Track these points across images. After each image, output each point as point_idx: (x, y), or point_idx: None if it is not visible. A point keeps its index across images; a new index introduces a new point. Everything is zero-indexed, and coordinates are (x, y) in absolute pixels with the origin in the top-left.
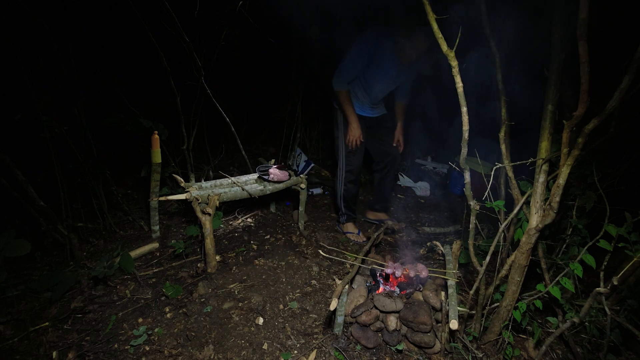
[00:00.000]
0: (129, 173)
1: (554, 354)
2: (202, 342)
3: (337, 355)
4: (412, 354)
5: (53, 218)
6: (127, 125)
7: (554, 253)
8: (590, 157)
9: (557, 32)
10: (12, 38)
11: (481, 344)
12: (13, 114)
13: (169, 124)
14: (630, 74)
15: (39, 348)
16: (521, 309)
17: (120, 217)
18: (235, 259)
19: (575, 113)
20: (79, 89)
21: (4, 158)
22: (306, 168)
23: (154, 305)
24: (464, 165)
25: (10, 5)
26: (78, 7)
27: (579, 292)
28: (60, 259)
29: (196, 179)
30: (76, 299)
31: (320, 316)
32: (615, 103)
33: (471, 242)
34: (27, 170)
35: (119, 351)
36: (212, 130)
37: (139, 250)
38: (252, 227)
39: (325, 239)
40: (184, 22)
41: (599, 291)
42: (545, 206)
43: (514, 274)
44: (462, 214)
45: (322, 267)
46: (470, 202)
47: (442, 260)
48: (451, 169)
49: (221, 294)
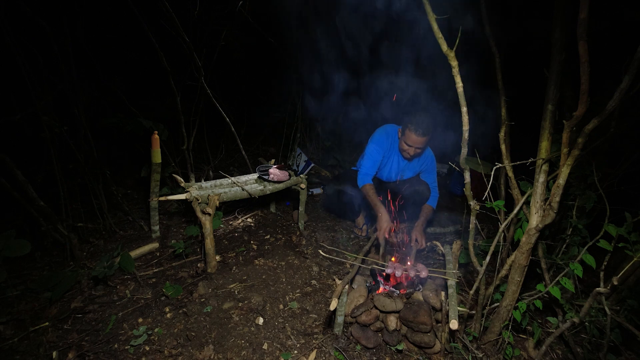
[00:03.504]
0: (129, 173)
1: (554, 354)
2: (202, 342)
3: (337, 355)
4: (412, 354)
5: (53, 218)
6: (127, 125)
7: (554, 253)
8: (590, 157)
9: (557, 32)
10: (12, 38)
11: (481, 344)
12: (13, 114)
13: (169, 124)
14: (630, 74)
15: (39, 348)
16: (521, 309)
17: (120, 217)
18: (235, 259)
19: (575, 113)
20: (79, 89)
21: (4, 158)
22: (306, 168)
23: (154, 305)
24: (464, 165)
25: (10, 5)
26: (78, 7)
27: (579, 292)
28: (60, 259)
29: (196, 179)
30: (76, 299)
31: (320, 316)
32: (615, 103)
33: (471, 242)
34: (27, 170)
35: (119, 351)
36: (212, 130)
37: (139, 250)
38: (252, 227)
39: (325, 239)
40: (184, 22)
41: (599, 291)
42: (545, 206)
43: (514, 274)
44: (462, 214)
45: (322, 267)
46: (470, 202)
47: (442, 260)
48: (451, 169)
49: (221, 294)
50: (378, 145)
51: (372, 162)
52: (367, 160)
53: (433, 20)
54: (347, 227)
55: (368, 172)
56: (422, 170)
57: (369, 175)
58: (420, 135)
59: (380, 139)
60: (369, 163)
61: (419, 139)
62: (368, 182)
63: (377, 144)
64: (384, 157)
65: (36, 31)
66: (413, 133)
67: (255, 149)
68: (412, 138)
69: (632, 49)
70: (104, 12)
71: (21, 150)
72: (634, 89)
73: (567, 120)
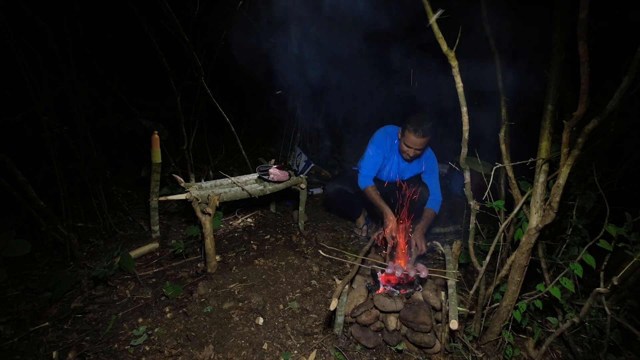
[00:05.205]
0: (129, 173)
1: (554, 354)
2: (202, 342)
3: (337, 355)
4: (412, 354)
5: (53, 218)
6: (127, 125)
7: (554, 253)
8: (590, 157)
9: (557, 32)
10: (12, 38)
11: (481, 344)
12: (13, 114)
13: (169, 124)
14: (630, 74)
15: (39, 348)
16: (521, 309)
17: (120, 217)
18: (235, 259)
19: (575, 113)
20: (79, 89)
21: (4, 158)
22: (306, 168)
23: (154, 305)
24: (464, 165)
25: (10, 5)
26: (78, 7)
27: (579, 292)
28: (60, 259)
29: (196, 179)
30: (76, 299)
31: (320, 316)
32: (615, 103)
33: (471, 242)
34: (27, 170)
35: (119, 351)
36: (212, 130)
37: (139, 250)
38: (252, 227)
39: (325, 239)
40: (184, 22)
41: (599, 291)
42: (545, 206)
43: (514, 274)
44: (462, 214)
45: (322, 267)
46: (470, 202)
47: (442, 260)
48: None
49: (221, 294)
50: (378, 147)
51: (373, 163)
52: (367, 161)
53: (433, 20)
54: (347, 227)
55: (369, 173)
56: (422, 171)
57: (370, 177)
58: (420, 136)
59: (380, 140)
60: (369, 165)
61: (419, 140)
62: (370, 184)
63: (377, 146)
64: (384, 158)
65: (36, 31)
66: (413, 134)
67: (255, 149)
68: (411, 139)
69: (632, 49)
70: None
71: (21, 150)
72: (634, 89)
73: (567, 120)
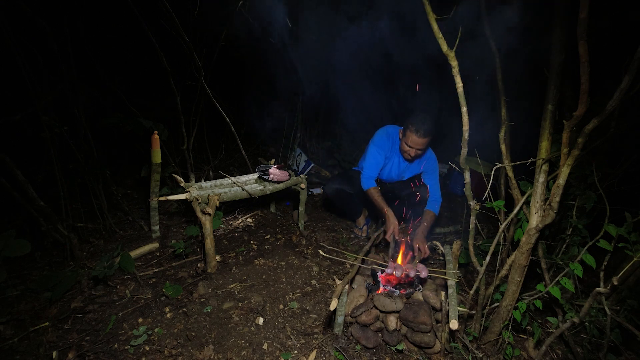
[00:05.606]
0: (129, 173)
1: (554, 354)
2: (202, 342)
3: (337, 355)
4: (412, 354)
5: (53, 218)
6: (127, 125)
7: (554, 253)
8: (590, 157)
9: (557, 32)
10: (12, 38)
11: (481, 344)
12: (13, 114)
13: (169, 124)
14: (630, 74)
15: (39, 348)
16: (521, 309)
17: (120, 217)
18: (235, 259)
19: (575, 113)
20: (79, 89)
21: (4, 158)
22: (306, 168)
23: (154, 305)
24: (464, 165)
25: (10, 5)
26: (78, 7)
27: (579, 292)
28: (60, 259)
29: (196, 179)
30: (76, 299)
31: (320, 316)
32: (615, 103)
33: (471, 242)
34: (27, 170)
35: (119, 351)
36: (212, 130)
37: (139, 250)
38: (252, 227)
39: (325, 239)
40: (184, 22)
41: (599, 291)
42: (545, 206)
43: (514, 274)
44: (462, 214)
45: (322, 267)
46: (470, 202)
47: (442, 260)
48: (451, 169)
49: (221, 294)
50: (379, 147)
51: (374, 164)
52: (369, 162)
53: (433, 20)
54: (347, 227)
55: (371, 174)
56: (423, 171)
57: (372, 178)
58: (421, 136)
59: (381, 140)
60: (371, 165)
61: (420, 140)
62: (373, 186)
63: (378, 146)
64: (385, 157)
65: (36, 31)
66: (414, 134)
67: (255, 149)
68: (412, 139)
69: (632, 49)
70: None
71: (21, 150)
72: (634, 89)
73: (567, 120)
